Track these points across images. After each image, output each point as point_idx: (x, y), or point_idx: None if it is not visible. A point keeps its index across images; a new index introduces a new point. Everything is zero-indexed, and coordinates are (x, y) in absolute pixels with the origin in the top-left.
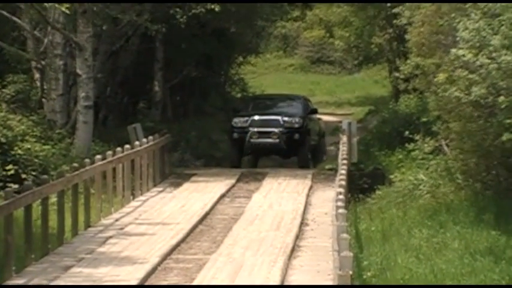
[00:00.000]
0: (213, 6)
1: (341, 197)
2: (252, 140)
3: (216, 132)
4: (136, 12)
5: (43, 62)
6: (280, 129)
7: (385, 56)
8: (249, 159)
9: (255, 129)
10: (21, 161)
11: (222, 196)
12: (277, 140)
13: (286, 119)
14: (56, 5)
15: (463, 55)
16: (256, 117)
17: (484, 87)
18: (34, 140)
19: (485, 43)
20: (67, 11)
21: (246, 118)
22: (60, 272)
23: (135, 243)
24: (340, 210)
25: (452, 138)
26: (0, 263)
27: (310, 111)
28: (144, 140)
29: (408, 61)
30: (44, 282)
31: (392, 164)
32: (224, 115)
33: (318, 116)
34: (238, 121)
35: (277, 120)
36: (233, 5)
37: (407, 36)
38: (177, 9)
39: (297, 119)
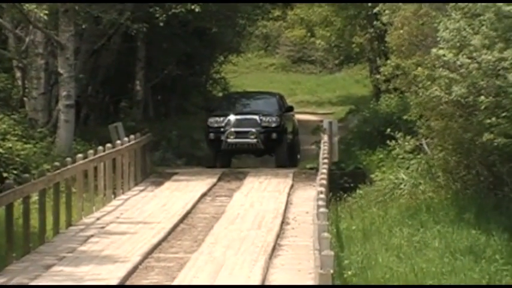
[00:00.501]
0: (193, 7)
1: (322, 196)
2: (229, 140)
3: (198, 132)
4: (118, 11)
5: (24, 61)
6: (258, 128)
7: (366, 56)
8: (222, 159)
9: (232, 129)
10: (2, 159)
11: (203, 195)
12: (255, 140)
13: (263, 118)
14: (36, 9)
15: (444, 55)
16: (233, 117)
17: (464, 87)
18: (15, 138)
19: (465, 43)
20: (45, 16)
21: (222, 118)
22: (41, 270)
23: (117, 242)
24: (321, 209)
25: (433, 136)
26: None
27: (286, 109)
28: (126, 139)
29: (388, 61)
30: (25, 281)
31: (373, 163)
32: (205, 114)
33: (292, 112)
34: (214, 121)
35: (255, 120)
36: (214, 5)
37: (387, 39)
38: (157, 8)
39: (274, 118)
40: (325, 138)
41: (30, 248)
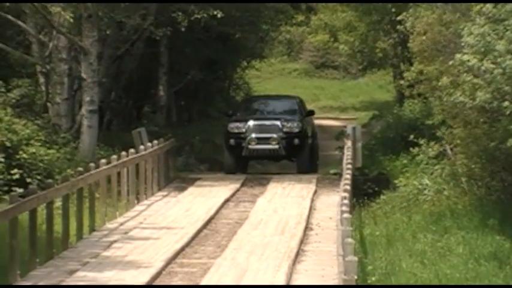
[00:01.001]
0: (215, 12)
1: (345, 201)
2: (250, 146)
3: (220, 137)
4: (141, 16)
5: (48, 66)
6: (280, 134)
7: (390, 61)
8: (241, 164)
9: (253, 135)
10: (26, 165)
11: (227, 200)
12: (277, 146)
13: (285, 123)
14: (62, 11)
15: (468, 60)
16: (254, 123)
17: (488, 92)
18: (39, 144)
19: (490, 48)
20: (71, 19)
21: (242, 123)
22: (65, 276)
23: (140, 247)
24: (345, 215)
25: (456, 143)
26: (5, 267)
27: (307, 113)
28: (149, 144)
29: (412, 68)
30: None
31: (397, 168)
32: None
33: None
34: (234, 126)
35: (276, 125)
36: (237, 10)
37: (410, 45)
38: (179, 13)
39: (296, 123)
40: (349, 143)
41: (54, 253)
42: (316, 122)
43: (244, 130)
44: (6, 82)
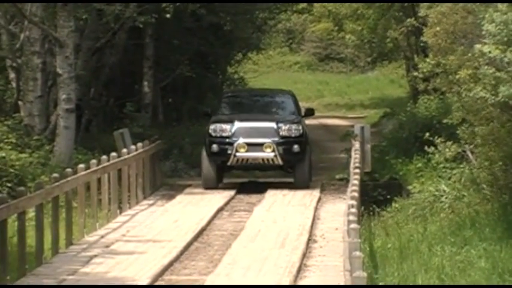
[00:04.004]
0: None
1: (353, 210)
2: (238, 154)
3: None
4: (123, 3)
5: (19, 60)
6: (276, 139)
7: (402, 53)
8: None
9: (242, 140)
10: None
11: (220, 210)
12: (272, 154)
13: (282, 125)
14: None
15: (489, 51)
16: (243, 124)
17: None
18: (9, 147)
19: None
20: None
21: (228, 125)
22: None
23: (123, 262)
24: (352, 225)
25: (477, 143)
26: None
27: (305, 112)
28: (133, 147)
29: (427, 59)
30: None
31: (411, 173)
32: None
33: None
34: (217, 128)
35: (271, 128)
36: None
37: (423, 38)
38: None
39: (294, 126)
40: (357, 145)
41: (26, 269)
42: (321, 121)
43: (230, 133)
44: None
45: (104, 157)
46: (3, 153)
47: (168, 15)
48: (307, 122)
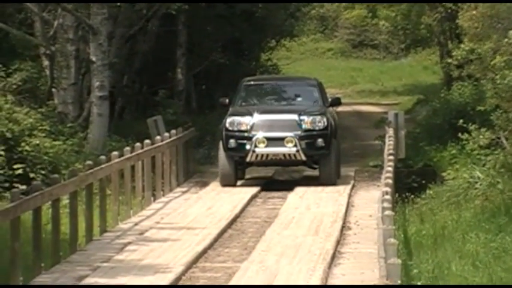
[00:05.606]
0: None
1: (387, 197)
2: (257, 150)
3: None
4: None
5: (53, 48)
6: (298, 132)
7: (436, 39)
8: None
9: (262, 135)
10: (29, 158)
11: (254, 197)
12: (294, 149)
13: (305, 117)
14: None
15: None
16: (262, 116)
17: None
18: (43, 135)
19: None
20: None
21: (246, 117)
22: (73, 282)
23: (157, 250)
24: (387, 212)
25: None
26: (6, 273)
27: (332, 101)
28: (166, 134)
29: (462, 45)
30: None
31: (445, 160)
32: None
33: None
34: (234, 122)
35: (293, 120)
36: None
37: (459, 21)
38: None
39: (318, 117)
40: (390, 132)
41: (61, 257)
42: (354, 107)
43: (248, 127)
44: (6, 66)
45: (138, 144)
46: (37, 141)
47: (201, 3)
48: (340, 109)
